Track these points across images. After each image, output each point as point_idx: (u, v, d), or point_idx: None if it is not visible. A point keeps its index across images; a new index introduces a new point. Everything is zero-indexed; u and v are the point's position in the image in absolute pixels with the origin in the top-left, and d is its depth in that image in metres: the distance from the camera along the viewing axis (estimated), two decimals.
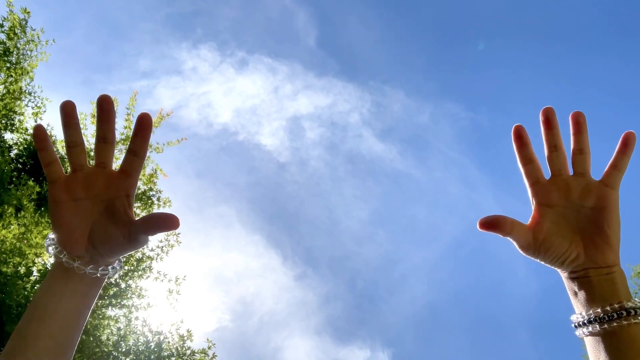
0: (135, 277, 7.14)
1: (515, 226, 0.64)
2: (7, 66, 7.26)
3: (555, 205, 0.66)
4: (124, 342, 6.72)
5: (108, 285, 6.82)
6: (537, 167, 0.67)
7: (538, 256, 0.65)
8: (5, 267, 5.98)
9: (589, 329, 0.60)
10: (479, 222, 0.64)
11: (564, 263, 0.64)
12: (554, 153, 0.66)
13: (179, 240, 7.50)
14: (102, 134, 0.64)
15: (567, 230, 0.65)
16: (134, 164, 0.65)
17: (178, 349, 6.93)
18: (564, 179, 0.66)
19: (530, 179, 0.68)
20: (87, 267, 0.61)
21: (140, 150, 0.65)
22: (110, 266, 0.64)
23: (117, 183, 0.64)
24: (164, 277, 7.30)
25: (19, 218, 6.31)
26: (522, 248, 0.66)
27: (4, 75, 7.22)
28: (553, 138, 0.66)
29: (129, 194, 0.65)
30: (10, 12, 7.19)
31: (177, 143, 7.80)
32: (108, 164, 0.65)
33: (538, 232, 0.65)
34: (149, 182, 7.62)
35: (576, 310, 0.64)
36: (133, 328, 6.93)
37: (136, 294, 7.07)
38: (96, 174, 0.64)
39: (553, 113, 0.66)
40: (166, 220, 0.60)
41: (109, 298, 6.76)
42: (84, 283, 0.62)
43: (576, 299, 0.64)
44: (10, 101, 7.34)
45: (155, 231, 0.62)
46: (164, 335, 7.00)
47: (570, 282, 0.65)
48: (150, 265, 7.25)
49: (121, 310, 6.97)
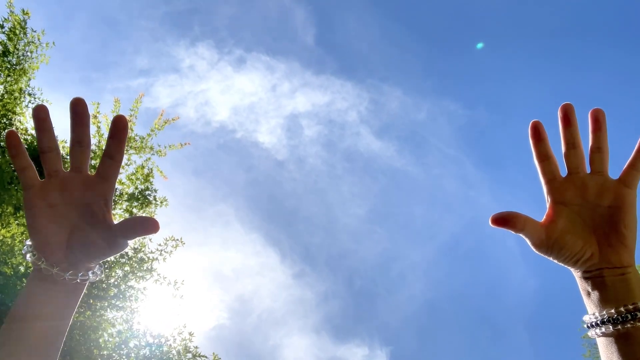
0: (136, 279, 7.09)
1: (528, 223, 0.63)
2: (6, 67, 7.24)
3: (571, 203, 0.65)
4: (124, 345, 6.65)
5: (108, 286, 6.76)
6: (554, 164, 0.66)
7: (551, 254, 0.65)
8: (5, 267, 5.90)
9: (602, 329, 0.59)
10: (491, 218, 0.63)
11: (578, 262, 0.63)
12: (571, 150, 0.65)
13: (182, 242, 7.45)
14: (76, 138, 0.62)
15: (582, 229, 0.64)
16: (111, 167, 0.64)
17: (180, 352, 6.87)
18: (580, 177, 0.65)
19: (546, 176, 0.67)
20: (67, 273, 0.61)
21: (116, 154, 0.63)
22: (91, 271, 0.64)
23: (94, 187, 0.64)
24: (164, 280, 7.27)
25: (19, 217, 6.25)
26: (535, 246, 0.65)
27: (3, 75, 7.19)
28: (571, 135, 0.65)
29: (106, 198, 0.64)
30: (10, 13, 7.19)
31: (180, 147, 7.72)
32: (84, 168, 0.64)
33: (552, 230, 0.64)
34: (145, 182, 7.60)
35: (589, 310, 0.63)
36: (135, 332, 6.86)
37: (134, 297, 7.00)
38: (72, 179, 0.63)
39: (572, 110, 0.65)
40: (145, 224, 0.60)
41: (108, 299, 6.70)
42: (64, 289, 0.61)
43: (589, 299, 0.62)
44: (10, 102, 7.30)
45: (134, 235, 0.61)
46: (165, 338, 6.94)
47: (584, 282, 0.64)
48: (152, 267, 7.21)
49: (119, 312, 6.90)
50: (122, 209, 7.37)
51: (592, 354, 15.89)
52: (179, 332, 7.10)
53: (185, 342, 7.05)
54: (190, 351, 7.01)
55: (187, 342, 7.06)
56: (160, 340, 6.88)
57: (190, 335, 7.13)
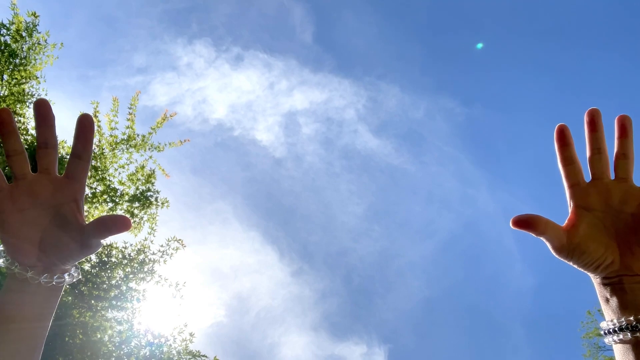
0: (137, 281, 7.13)
1: (550, 227, 0.63)
2: (10, 68, 7.32)
3: (594, 209, 0.65)
4: (125, 345, 6.73)
5: (109, 287, 6.84)
6: (579, 169, 0.66)
7: (572, 259, 0.64)
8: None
9: (619, 336, 0.59)
10: (513, 220, 0.63)
11: (598, 268, 0.63)
12: (596, 156, 0.65)
13: (184, 244, 7.46)
14: (42, 139, 0.62)
15: (603, 235, 0.63)
16: (79, 167, 0.63)
17: (180, 352, 6.95)
18: (605, 183, 0.65)
19: (570, 181, 0.66)
20: (41, 276, 0.60)
21: (83, 153, 0.63)
22: (66, 273, 0.63)
23: (64, 189, 0.63)
24: (165, 282, 7.30)
25: None
26: (555, 250, 0.64)
27: (7, 77, 7.26)
28: (597, 141, 0.64)
29: (76, 199, 0.64)
30: (15, 15, 7.25)
31: (179, 144, 7.81)
32: (52, 170, 0.63)
33: (574, 234, 0.64)
34: (147, 182, 7.66)
35: (607, 317, 0.62)
36: (135, 332, 6.93)
37: (135, 298, 7.06)
38: (41, 181, 0.63)
39: (599, 115, 0.64)
40: (116, 222, 0.60)
41: (109, 300, 6.78)
42: (40, 292, 0.61)
43: (607, 305, 0.62)
44: (13, 103, 7.38)
45: (106, 234, 0.61)
46: (165, 338, 7.01)
47: (603, 288, 0.63)
48: (153, 268, 7.24)
49: (120, 313, 6.97)
50: (122, 209, 7.47)
51: (592, 354, 15.86)
52: (179, 332, 7.13)
53: (185, 342, 7.10)
54: (191, 352, 7.07)
55: (188, 343, 7.11)
56: (160, 340, 6.95)
57: (190, 336, 7.16)
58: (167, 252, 7.39)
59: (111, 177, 7.40)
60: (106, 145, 7.31)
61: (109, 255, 6.97)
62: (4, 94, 7.32)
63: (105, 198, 7.35)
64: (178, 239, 7.46)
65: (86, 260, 6.88)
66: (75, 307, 6.59)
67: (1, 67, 7.18)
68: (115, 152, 7.37)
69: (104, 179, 7.31)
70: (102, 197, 7.30)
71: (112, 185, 7.41)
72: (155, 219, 7.55)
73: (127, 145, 7.48)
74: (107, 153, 7.30)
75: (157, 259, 7.33)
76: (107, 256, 6.97)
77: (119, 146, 7.45)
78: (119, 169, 7.51)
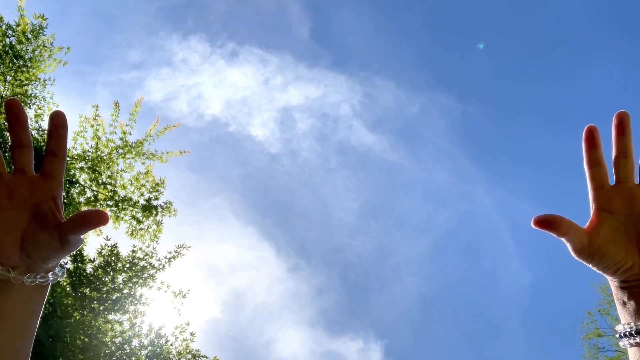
0: (138, 285, 7.10)
1: (572, 228, 0.63)
2: (14, 69, 7.31)
3: (617, 212, 0.65)
4: (126, 345, 6.77)
5: (111, 290, 6.86)
6: (604, 171, 0.66)
7: (592, 261, 0.64)
8: None
9: (636, 339, 0.59)
10: (534, 220, 0.63)
11: (618, 272, 0.63)
12: (622, 159, 0.65)
13: (188, 247, 7.43)
14: (16, 139, 0.62)
15: (625, 239, 0.63)
16: (55, 164, 0.63)
17: (181, 352, 6.97)
18: (629, 187, 0.65)
19: (595, 183, 0.66)
20: (24, 276, 0.60)
21: (58, 150, 0.63)
22: (50, 272, 0.63)
23: (41, 187, 0.63)
24: (167, 288, 7.22)
25: None
26: (575, 251, 0.64)
27: (10, 78, 7.25)
28: (624, 144, 0.64)
29: (55, 196, 0.63)
30: (21, 17, 7.23)
31: (178, 155, 7.79)
32: (28, 170, 0.63)
33: (595, 237, 0.64)
34: (154, 191, 7.67)
35: (623, 320, 0.63)
36: (136, 332, 6.95)
37: (137, 301, 7.04)
38: (18, 181, 0.62)
39: (628, 118, 0.64)
40: (94, 217, 0.59)
41: (111, 303, 6.79)
42: (25, 292, 0.60)
43: (624, 308, 0.63)
44: None
45: (84, 229, 0.60)
46: (165, 337, 7.00)
47: (620, 292, 0.64)
48: (154, 274, 7.17)
49: (122, 315, 6.98)
50: (126, 214, 7.45)
51: (592, 355, 15.91)
52: (180, 331, 7.08)
53: (186, 342, 7.06)
54: (191, 351, 7.08)
55: (189, 342, 7.08)
56: (160, 341, 6.96)
57: (191, 335, 7.12)
58: (174, 257, 7.32)
59: (113, 180, 7.41)
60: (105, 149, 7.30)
61: (110, 256, 6.98)
62: (6, 94, 7.32)
63: (108, 203, 7.37)
64: (187, 246, 7.40)
65: (89, 261, 6.91)
66: (76, 308, 6.62)
67: (5, 68, 7.19)
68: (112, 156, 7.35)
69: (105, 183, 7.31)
70: (105, 202, 7.32)
71: (114, 188, 7.42)
72: (160, 226, 7.54)
73: (125, 152, 7.42)
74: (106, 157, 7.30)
75: (161, 265, 7.25)
76: (110, 257, 6.97)
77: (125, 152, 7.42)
78: (120, 173, 7.50)
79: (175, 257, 7.31)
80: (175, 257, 7.33)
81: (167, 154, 7.73)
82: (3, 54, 7.23)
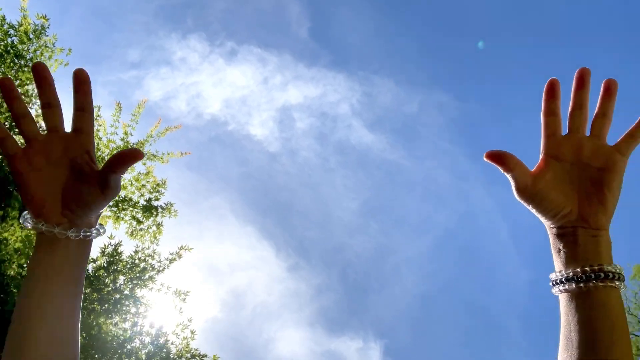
0: (138, 287, 7.02)
1: (518, 166, 0.65)
2: (15, 69, 7.30)
3: (563, 159, 0.67)
4: (127, 343, 6.66)
5: (112, 290, 6.76)
6: (558, 122, 0.68)
7: (532, 203, 0.66)
8: (9, 269, 5.94)
9: (565, 286, 0.62)
10: (486, 153, 0.65)
11: (556, 216, 0.65)
12: (577, 111, 0.67)
13: (189, 248, 7.35)
14: (45, 100, 0.65)
15: (567, 186, 0.66)
16: (84, 119, 0.66)
17: (181, 350, 6.87)
18: (579, 137, 0.67)
19: (547, 131, 0.68)
20: (69, 230, 0.62)
21: (85, 105, 0.65)
22: (93, 228, 0.65)
23: (74, 143, 0.65)
24: (168, 290, 7.15)
25: None
26: (518, 190, 0.66)
27: (11, 77, 7.22)
28: (581, 97, 0.67)
29: (88, 150, 0.66)
30: (23, 17, 7.25)
31: (180, 156, 7.71)
32: (60, 128, 0.66)
33: (539, 179, 0.66)
34: (154, 191, 7.63)
35: (556, 268, 0.65)
36: (137, 331, 6.84)
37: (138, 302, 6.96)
38: (52, 140, 0.65)
39: (588, 75, 0.67)
40: (130, 153, 0.62)
41: (111, 303, 6.70)
42: (70, 247, 0.63)
43: (559, 257, 0.65)
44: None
45: (123, 166, 0.62)
46: (165, 336, 6.90)
47: (556, 240, 0.66)
48: (154, 276, 7.09)
49: (122, 315, 6.90)
50: (126, 215, 7.40)
51: None
52: (182, 329, 7.00)
53: (186, 340, 6.96)
54: (191, 351, 6.99)
55: (189, 341, 6.97)
56: (160, 340, 6.86)
57: (192, 334, 7.01)
58: (175, 259, 7.24)
59: None
60: (106, 150, 7.28)
61: (114, 255, 6.90)
62: None
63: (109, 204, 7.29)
64: (189, 248, 7.33)
65: (91, 261, 6.82)
66: None
67: (6, 67, 7.18)
68: None
69: None
70: None
71: None
72: (160, 228, 7.47)
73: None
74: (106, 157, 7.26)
75: (161, 267, 7.17)
76: (113, 256, 6.90)
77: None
78: None
79: (175, 259, 7.25)
80: (176, 259, 7.26)
81: (168, 155, 7.67)
82: (4, 53, 7.22)
